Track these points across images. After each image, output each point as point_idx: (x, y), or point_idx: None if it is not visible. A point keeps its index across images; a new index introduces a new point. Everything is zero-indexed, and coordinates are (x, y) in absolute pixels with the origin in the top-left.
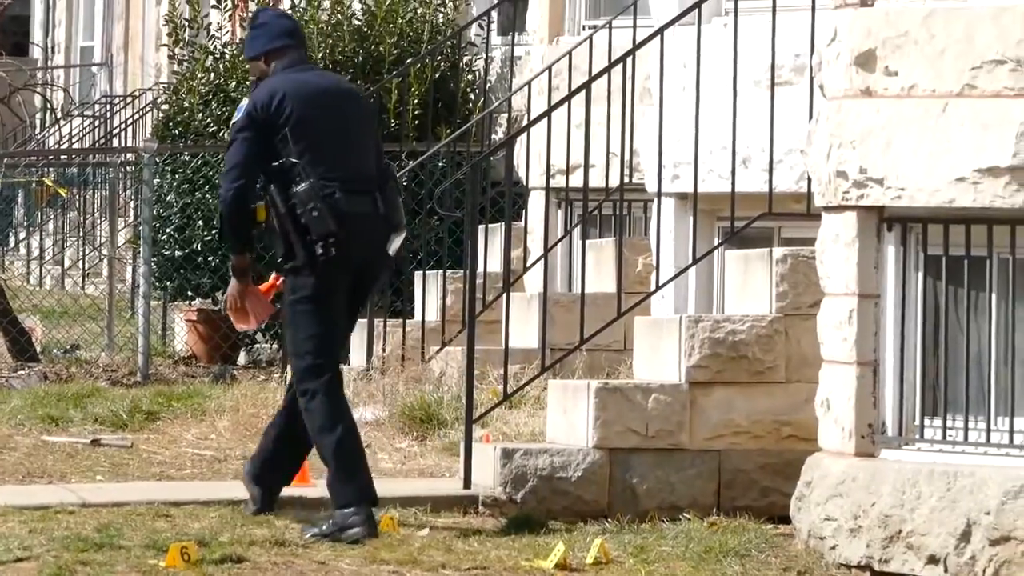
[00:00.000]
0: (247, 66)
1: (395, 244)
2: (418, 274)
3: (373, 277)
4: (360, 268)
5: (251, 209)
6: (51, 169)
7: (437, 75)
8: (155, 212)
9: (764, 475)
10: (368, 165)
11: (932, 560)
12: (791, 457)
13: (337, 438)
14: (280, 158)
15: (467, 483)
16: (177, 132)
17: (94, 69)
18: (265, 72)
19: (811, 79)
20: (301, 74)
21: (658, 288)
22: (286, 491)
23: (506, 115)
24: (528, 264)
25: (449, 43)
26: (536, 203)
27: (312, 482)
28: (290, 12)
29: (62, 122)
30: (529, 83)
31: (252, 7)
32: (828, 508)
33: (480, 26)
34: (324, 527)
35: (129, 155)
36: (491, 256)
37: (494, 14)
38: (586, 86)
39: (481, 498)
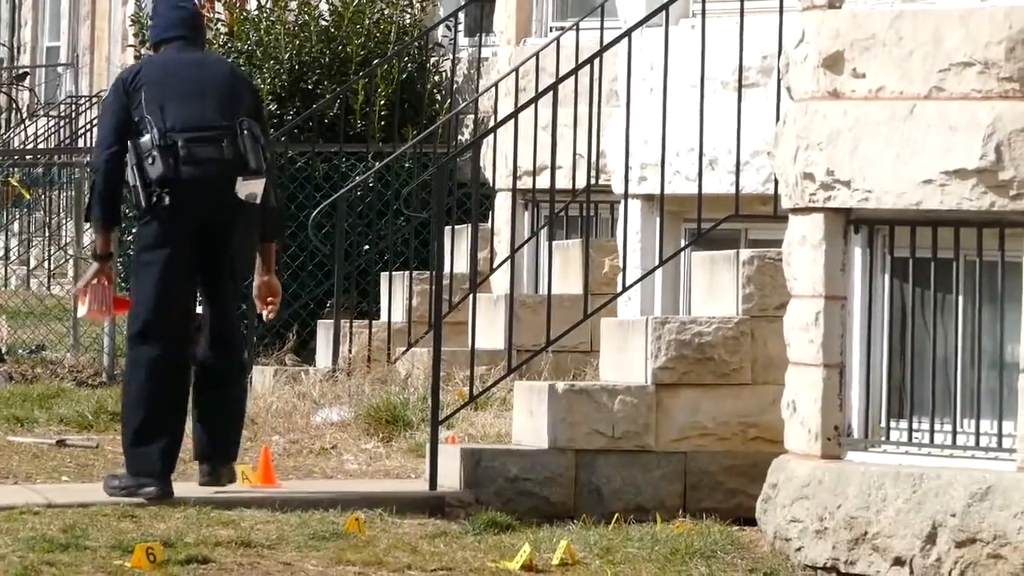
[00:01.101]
0: None
1: (245, 186)
2: (384, 275)
3: (227, 224)
4: (207, 216)
5: (122, 180)
6: (16, 169)
7: (404, 76)
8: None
9: (730, 477)
10: (219, 116)
11: (898, 562)
12: (757, 459)
13: (140, 419)
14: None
15: (433, 484)
16: None
17: (60, 69)
18: None
19: (778, 81)
20: (174, 53)
21: (624, 290)
22: (251, 492)
23: (473, 116)
24: (495, 265)
25: (416, 44)
26: (503, 204)
27: (277, 483)
28: (257, 15)
29: (28, 122)
30: (496, 84)
31: (219, 7)
32: (794, 510)
33: (447, 27)
34: (121, 481)
35: None
36: (457, 257)
37: (461, 15)
38: (553, 88)
39: (447, 499)
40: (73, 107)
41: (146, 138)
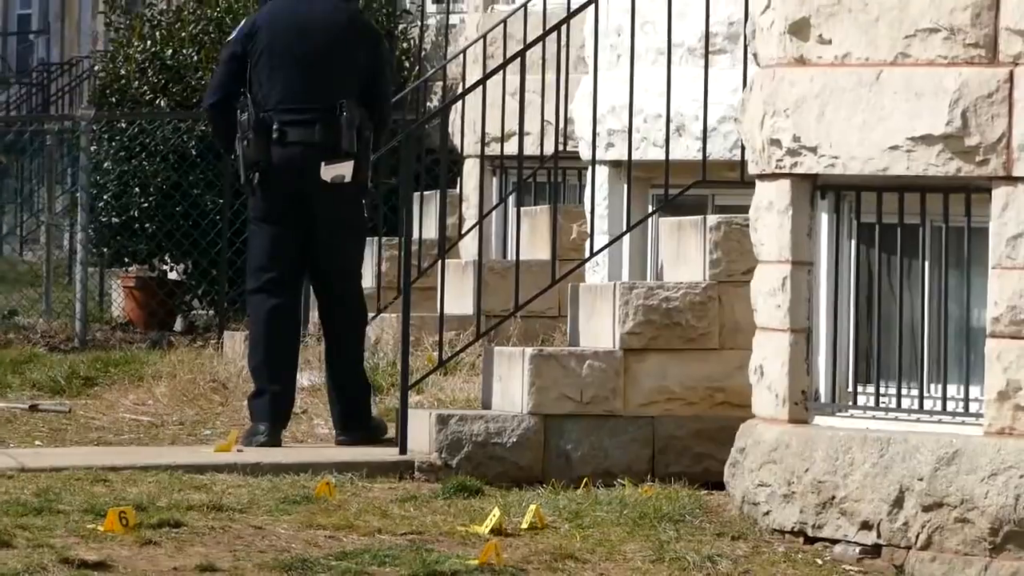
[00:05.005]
0: (182, 33)
1: (330, 170)
2: None
3: (319, 206)
4: (297, 197)
5: (232, 122)
6: None
7: None
8: (92, 179)
9: (698, 441)
10: (319, 93)
11: (865, 526)
12: (725, 423)
13: (259, 358)
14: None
15: (403, 449)
16: (114, 99)
17: (32, 36)
18: None
19: (745, 47)
20: (288, 3)
21: (592, 255)
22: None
23: (441, 83)
24: (463, 231)
25: (384, 11)
26: (471, 171)
27: None
28: None
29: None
30: (464, 51)
31: None
32: (762, 474)
33: None
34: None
35: (66, 122)
36: (426, 223)
37: None
38: (521, 54)
39: (417, 464)
40: (45, 74)
41: (244, 118)
